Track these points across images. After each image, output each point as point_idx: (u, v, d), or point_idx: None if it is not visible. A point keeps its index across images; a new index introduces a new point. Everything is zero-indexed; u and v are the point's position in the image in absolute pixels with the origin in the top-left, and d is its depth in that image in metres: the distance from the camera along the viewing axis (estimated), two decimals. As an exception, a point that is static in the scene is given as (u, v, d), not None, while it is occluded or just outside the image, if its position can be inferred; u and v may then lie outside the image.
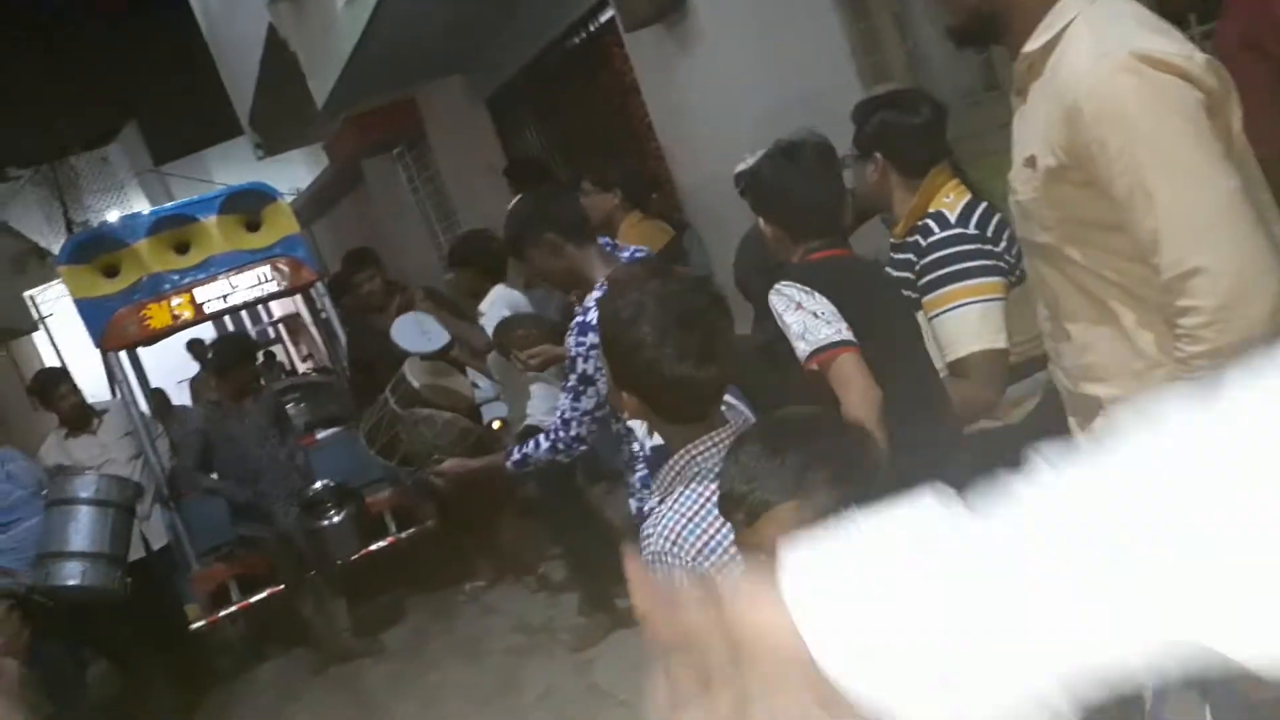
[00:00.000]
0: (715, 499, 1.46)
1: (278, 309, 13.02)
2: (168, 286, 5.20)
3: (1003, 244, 2.09)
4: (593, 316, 2.36)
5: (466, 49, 6.51)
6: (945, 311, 2.05)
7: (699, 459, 1.53)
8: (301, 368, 12.43)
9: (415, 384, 4.46)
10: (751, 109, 4.42)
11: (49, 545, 3.96)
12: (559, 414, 2.48)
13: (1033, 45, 1.45)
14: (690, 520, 1.47)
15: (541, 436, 2.53)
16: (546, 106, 6.63)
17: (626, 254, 2.59)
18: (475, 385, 4.56)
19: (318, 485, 4.87)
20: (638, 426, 2.21)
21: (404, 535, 5.34)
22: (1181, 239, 1.31)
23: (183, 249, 5.30)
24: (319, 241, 15.86)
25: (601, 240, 2.68)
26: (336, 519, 4.84)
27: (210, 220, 5.29)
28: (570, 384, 2.44)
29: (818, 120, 3.90)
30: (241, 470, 4.84)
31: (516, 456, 2.57)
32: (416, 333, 4.78)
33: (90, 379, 5.98)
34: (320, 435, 5.97)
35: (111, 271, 5.21)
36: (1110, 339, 1.48)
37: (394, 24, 4.99)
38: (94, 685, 4.93)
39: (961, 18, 1.53)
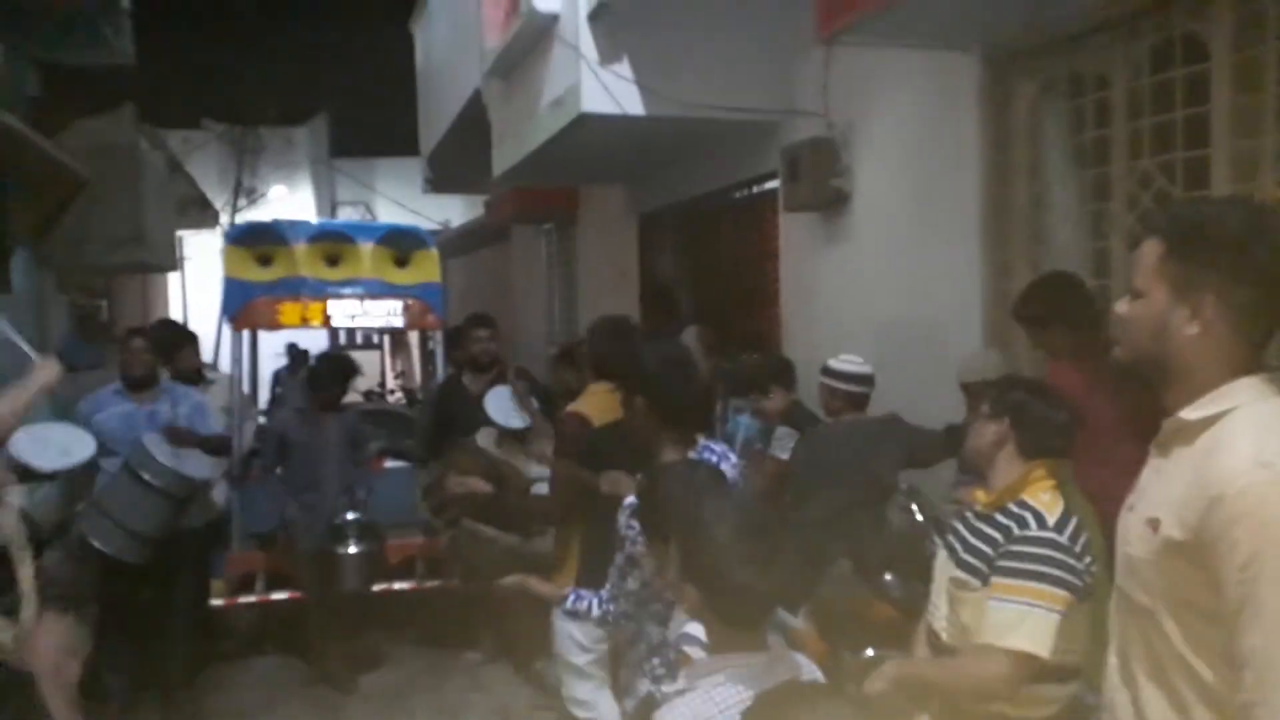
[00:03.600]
0: (729, 710, 1.64)
1: (389, 323, 13.61)
2: (307, 291, 5.63)
3: (1085, 560, 2.19)
4: None
5: (637, 171, 6.95)
6: (1012, 601, 2.12)
7: (730, 668, 1.69)
8: (390, 383, 12.90)
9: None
10: (874, 314, 4.66)
11: (105, 500, 4.20)
12: (608, 587, 2.64)
13: (1190, 415, 1.47)
14: None
15: (595, 600, 2.67)
16: (690, 241, 6.99)
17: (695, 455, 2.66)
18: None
19: (348, 516, 5.06)
20: (677, 615, 2.33)
21: (427, 585, 5.51)
22: (1274, 673, 1.30)
23: (333, 262, 5.73)
24: (451, 277, 16.63)
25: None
26: (352, 551, 5.02)
27: (367, 246, 5.74)
28: (619, 563, 2.58)
29: (933, 343, 4.13)
30: (304, 478, 5.11)
31: (570, 606, 2.71)
32: (506, 407, 5.04)
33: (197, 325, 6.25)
34: (388, 464, 6.25)
35: (265, 261, 5.67)
36: None
37: (584, 138, 5.42)
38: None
39: (1130, 355, 1.56)
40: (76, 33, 9.18)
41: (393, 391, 11.89)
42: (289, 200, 19.15)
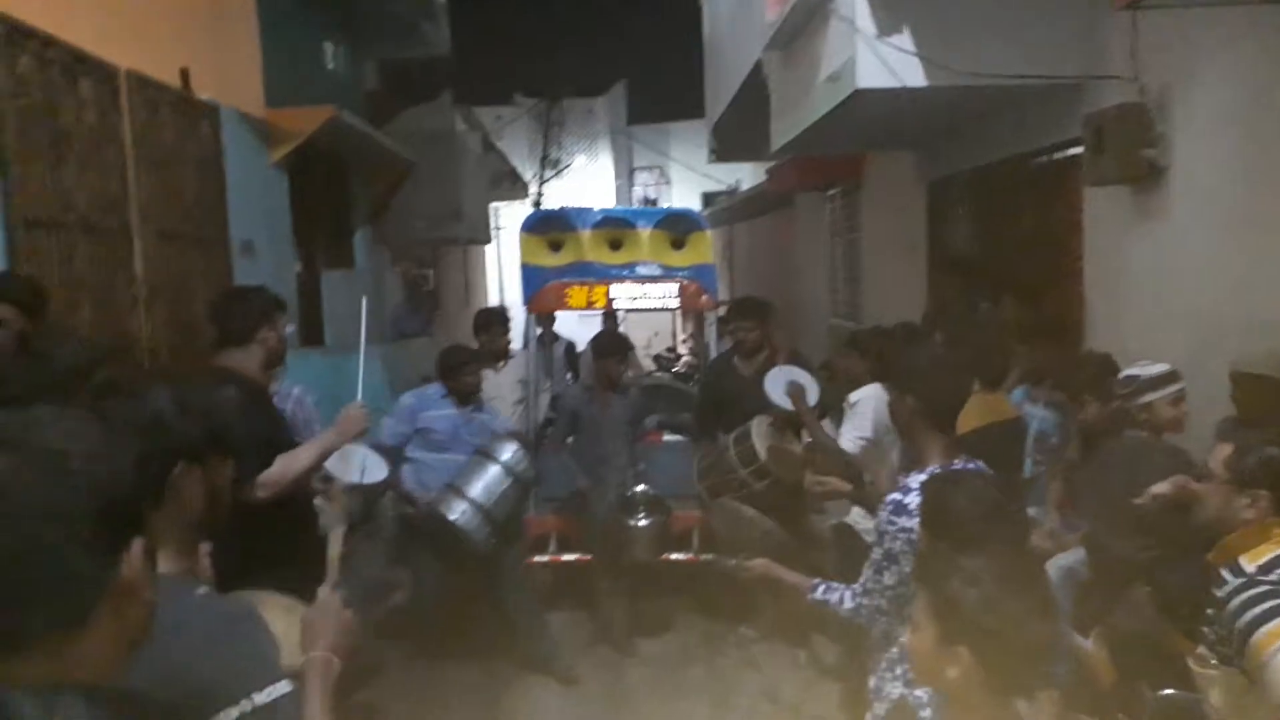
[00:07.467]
0: None
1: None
2: (592, 275, 5.94)
3: None
4: (912, 500, 2.44)
5: (924, 138, 6.58)
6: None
7: None
8: (681, 348, 13.30)
9: (758, 445, 4.75)
10: (1190, 303, 4.12)
11: (458, 480, 4.71)
12: (861, 581, 2.60)
13: None
14: None
15: (848, 593, 2.65)
16: (983, 211, 6.53)
17: (960, 464, 2.55)
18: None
19: (638, 489, 5.31)
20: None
21: (704, 558, 5.67)
22: None
23: (615, 246, 6.01)
24: (738, 242, 16.78)
25: None
26: (643, 524, 5.27)
27: (645, 230, 5.95)
28: (875, 557, 2.54)
29: (1258, 339, 3.58)
30: (591, 451, 5.45)
31: (820, 596, 2.70)
32: (787, 388, 5.00)
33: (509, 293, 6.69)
34: (666, 438, 6.49)
35: (556, 247, 6.06)
36: None
37: (862, 111, 5.21)
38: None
39: None
40: (399, 30, 10.18)
41: (681, 356, 12.28)
42: (590, 169, 20.15)
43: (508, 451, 4.71)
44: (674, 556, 5.63)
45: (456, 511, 4.57)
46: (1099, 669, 3.51)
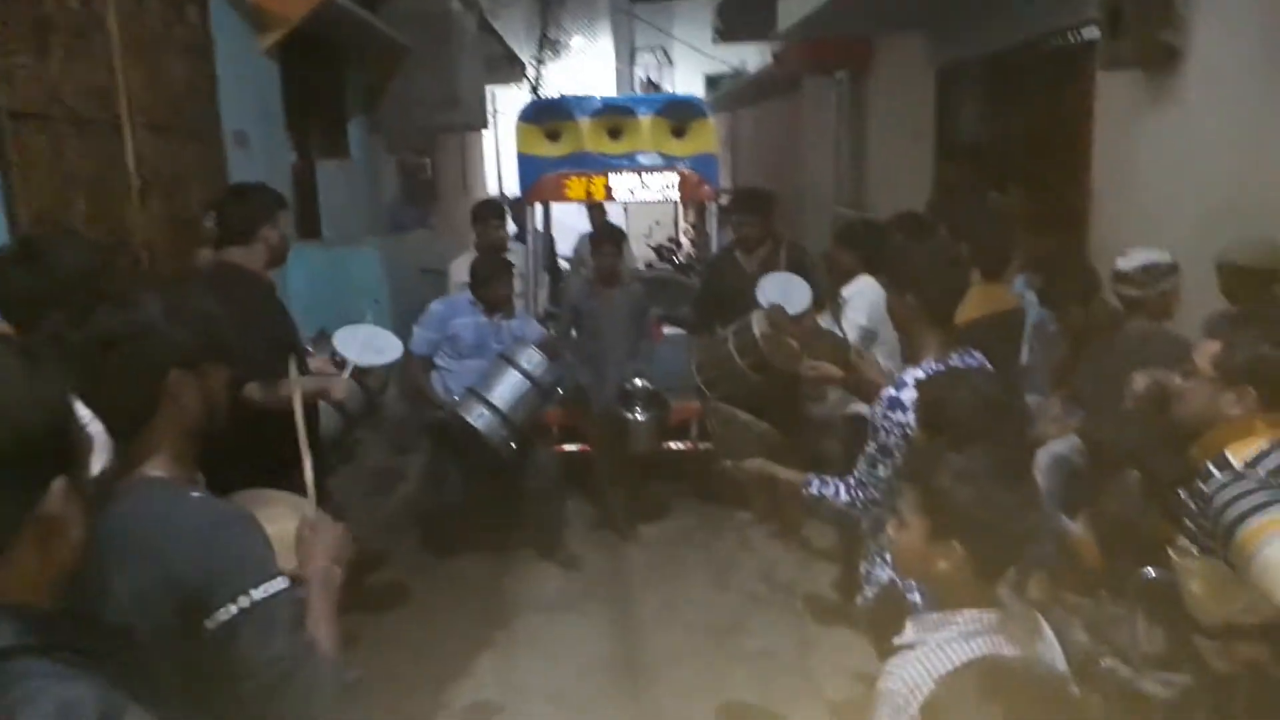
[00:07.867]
0: (960, 667, 1.57)
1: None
2: (591, 166, 5.84)
3: None
4: (907, 395, 2.47)
5: (936, 16, 6.36)
6: (1271, 543, 1.90)
7: (963, 623, 1.62)
8: (683, 239, 13.16)
9: (757, 334, 4.75)
10: (1200, 194, 4.06)
11: (480, 385, 4.72)
12: (855, 474, 2.65)
13: None
14: (933, 681, 1.56)
15: (843, 486, 2.69)
16: (993, 95, 6.36)
17: (957, 358, 2.56)
18: None
19: (637, 383, 5.35)
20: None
21: (701, 447, 5.77)
22: None
23: (615, 135, 5.89)
24: (740, 127, 16.40)
25: None
26: (641, 417, 5.34)
27: (646, 118, 5.81)
28: (869, 450, 2.59)
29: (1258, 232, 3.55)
30: (591, 345, 5.48)
31: (815, 492, 2.73)
32: (780, 293, 4.98)
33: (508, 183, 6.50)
34: (667, 331, 6.50)
35: (554, 136, 5.93)
36: None
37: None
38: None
39: None
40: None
41: (682, 246, 12.18)
42: (590, 50, 19.52)
43: (528, 357, 4.73)
44: (673, 445, 5.73)
45: (476, 415, 4.61)
46: (1086, 551, 3.61)
